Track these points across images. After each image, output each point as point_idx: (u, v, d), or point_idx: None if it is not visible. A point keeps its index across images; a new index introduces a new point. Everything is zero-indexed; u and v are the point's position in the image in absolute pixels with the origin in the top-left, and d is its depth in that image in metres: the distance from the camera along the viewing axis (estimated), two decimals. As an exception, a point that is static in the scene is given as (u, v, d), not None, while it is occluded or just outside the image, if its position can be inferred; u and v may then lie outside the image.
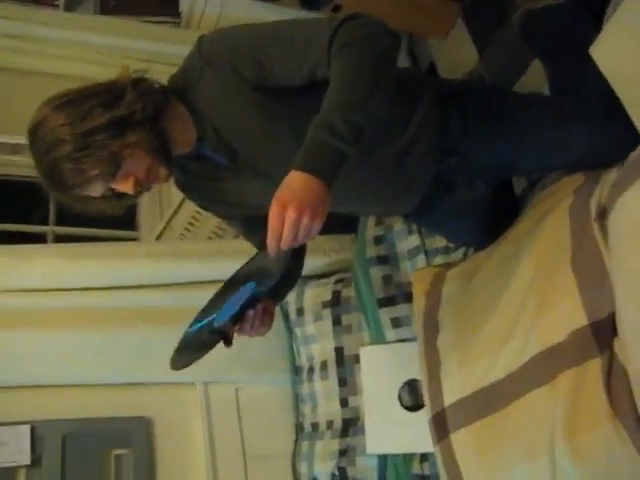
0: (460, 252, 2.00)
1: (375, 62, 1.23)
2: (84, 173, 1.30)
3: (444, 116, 1.48)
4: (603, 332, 1.35)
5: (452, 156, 1.49)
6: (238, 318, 1.44)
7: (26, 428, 2.05)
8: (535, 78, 2.08)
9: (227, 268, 2.35)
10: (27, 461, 2.02)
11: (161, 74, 2.76)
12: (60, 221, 3.00)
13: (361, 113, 1.19)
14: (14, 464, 2.01)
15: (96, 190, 1.35)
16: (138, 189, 1.38)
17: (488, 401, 1.58)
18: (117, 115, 1.29)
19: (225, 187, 1.53)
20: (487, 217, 1.81)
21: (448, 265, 1.98)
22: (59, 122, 1.29)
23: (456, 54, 2.67)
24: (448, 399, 1.70)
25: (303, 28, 1.33)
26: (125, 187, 1.37)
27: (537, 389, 1.45)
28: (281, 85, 1.36)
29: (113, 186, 1.37)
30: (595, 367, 1.33)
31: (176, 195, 2.72)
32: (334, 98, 1.21)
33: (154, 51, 2.82)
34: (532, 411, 1.45)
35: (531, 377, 1.47)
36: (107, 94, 1.32)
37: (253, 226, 1.64)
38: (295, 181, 1.15)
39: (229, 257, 2.37)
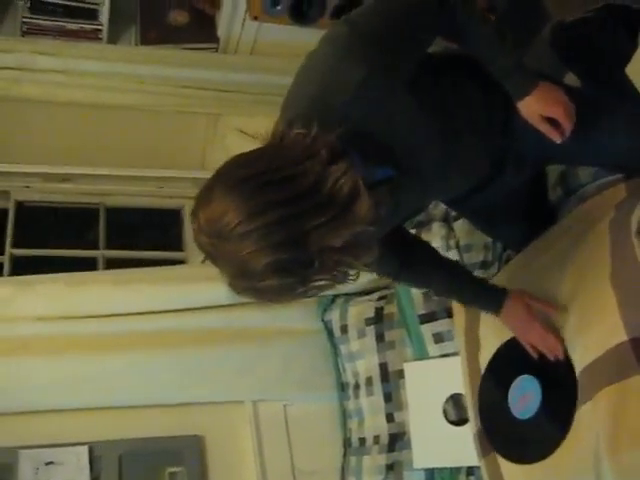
0: (495, 267, 2.02)
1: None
2: (312, 289, 1.10)
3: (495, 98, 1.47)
4: (644, 348, 1.36)
5: (504, 137, 1.49)
6: None
7: (84, 449, 2.13)
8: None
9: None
10: (86, 480, 2.11)
11: (201, 99, 2.90)
12: (109, 244, 3.11)
13: (500, 35, 1.38)
14: (74, 484, 2.10)
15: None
16: None
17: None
18: (357, 232, 1.05)
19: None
20: (524, 214, 1.82)
21: (486, 280, 2.00)
22: (270, 242, 1.01)
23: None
24: (492, 415, 1.72)
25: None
26: None
27: (581, 407, 1.46)
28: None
29: None
30: (637, 383, 1.34)
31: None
32: (481, 48, 1.38)
33: (195, 77, 2.91)
34: (577, 428, 1.46)
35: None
36: (330, 206, 1.03)
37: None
38: (530, 105, 1.38)
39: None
